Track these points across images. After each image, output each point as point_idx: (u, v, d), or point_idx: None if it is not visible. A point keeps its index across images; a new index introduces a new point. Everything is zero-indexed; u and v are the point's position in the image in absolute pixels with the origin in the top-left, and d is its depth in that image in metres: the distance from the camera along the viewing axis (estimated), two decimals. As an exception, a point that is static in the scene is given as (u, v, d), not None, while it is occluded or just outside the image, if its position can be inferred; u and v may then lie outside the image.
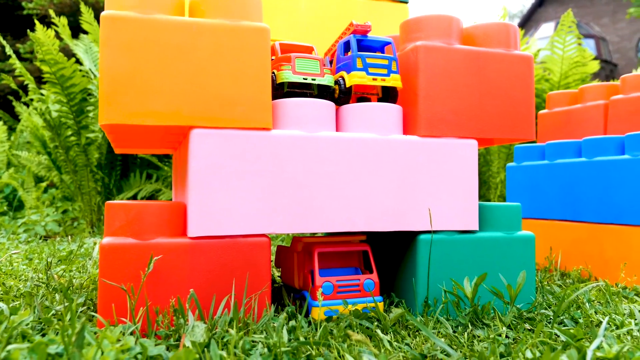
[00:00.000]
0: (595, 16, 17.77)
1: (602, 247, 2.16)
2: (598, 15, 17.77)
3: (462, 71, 1.58)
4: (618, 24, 16.99)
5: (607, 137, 2.16)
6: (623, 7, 16.93)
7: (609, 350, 1.11)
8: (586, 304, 1.62)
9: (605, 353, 1.10)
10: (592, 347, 1.13)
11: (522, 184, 2.56)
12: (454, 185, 1.57)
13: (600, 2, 17.87)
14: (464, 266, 1.56)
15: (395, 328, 1.33)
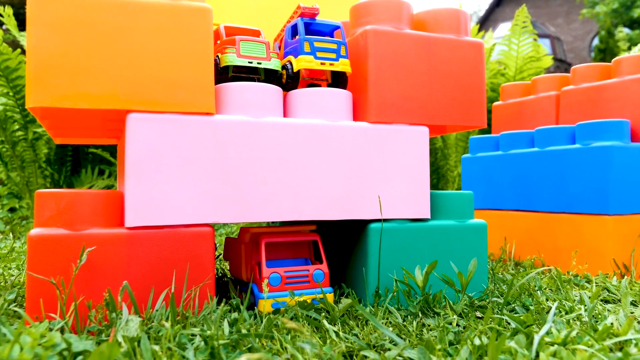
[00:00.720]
0: (550, 16, 18.26)
1: (555, 236, 2.17)
2: (553, 16, 18.27)
3: (412, 56, 1.55)
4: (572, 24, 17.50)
5: (559, 127, 2.18)
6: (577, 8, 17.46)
7: (558, 335, 1.09)
8: (537, 291, 1.62)
9: (554, 338, 1.09)
10: (540, 333, 1.11)
11: (477, 175, 2.56)
12: (405, 173, 1.54)
13: (555, 3, 18.37)
14: (416, 255, 1.53)
15: (344, 319, 1.29)
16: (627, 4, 15.20)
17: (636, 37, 14.25)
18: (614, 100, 2.14)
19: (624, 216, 1.99)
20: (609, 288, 1.68)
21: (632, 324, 1.13)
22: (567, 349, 1.03)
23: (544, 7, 18.50)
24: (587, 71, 2.28)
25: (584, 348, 0.98)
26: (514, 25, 3.98)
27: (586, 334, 1.10)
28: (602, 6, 15.31)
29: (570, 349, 1.04)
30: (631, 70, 2.11)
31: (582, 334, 1.11)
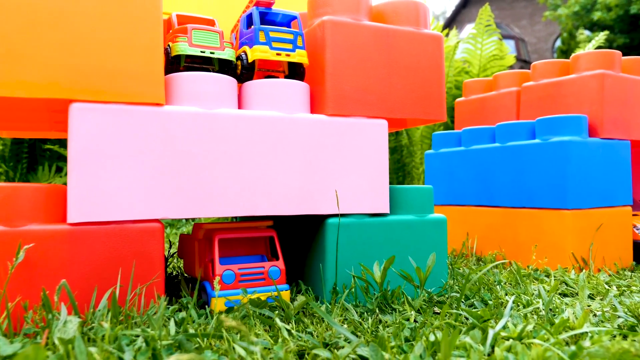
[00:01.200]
0: (515, 18, 18.61)
1: (516, 231, 2.18)
2: (517, 17, 18.62)
3: (370, 48, 1.52)
4: (535, 26, 17.88)
5: (519, 123, 2.18)
6: (540, 10, 17.83)
7: (514, 329, 1.07)
8: (497, 286, 1.61)
9: (510, 333, 1.07)
10: (497, 328, 1.09)
11: (440, 170, 2.56)
12: (364, 167, 1.50)
13: (519, 5, 18.73)
14: (375, 250, 1.50)
15: (299, 316, 1.25)
16: (588, 7, 15.60)
17: (602, 41, 14.63)
18: (572, 96, 2.15)
19: (583, 210, 2.01)
20: (567, 282, 1.69)
21: (588, 317, 1.12)
22: (522, 343, 1.01)
23: (509, 8, 18.85)
24: (547, 67, 2.30)
25: (539, 342, 0.96)
26: (477, 24, 4.00)
27: (542, 328, 1.09)
28: (564, 9, 15.66)
29: (526, 343, 1.02)
30: (588, 66, 2.13)
31: (538, 328, 1.10)
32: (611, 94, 2.08)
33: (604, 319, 1.25)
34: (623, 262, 2.12)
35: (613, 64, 2.11)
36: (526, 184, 2.13)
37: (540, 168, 2.07)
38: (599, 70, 2.08)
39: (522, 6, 18.65)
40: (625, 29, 15.10)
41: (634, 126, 2.16)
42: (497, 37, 3.97)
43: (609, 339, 1.06)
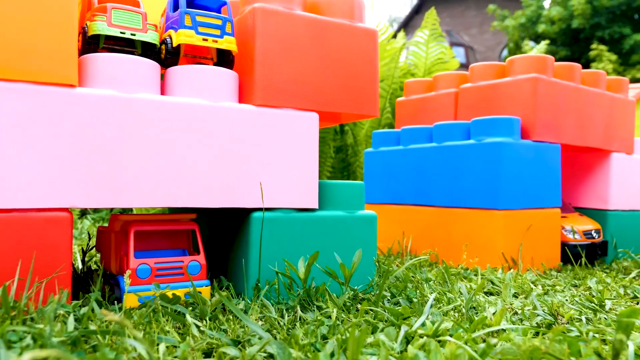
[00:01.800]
0: (465, 26, 19.09)
1: (450, 231, 2.19)
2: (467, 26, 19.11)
3: (303, 39, 1.48)
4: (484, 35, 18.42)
5: (455, 123, 2.20)
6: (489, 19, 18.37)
7: (431, 327, 1.05)
8: (424, 284, 1.60)
9: (427, 330, 1.05)
10: (416, 325, 1.07)
11: (379, 169, 2.55)
12: (293, 161, 1.46)
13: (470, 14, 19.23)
14: (303, 246, 1.46)
15: (216, 313, 1.19)
16: (533, 20, 16.17)
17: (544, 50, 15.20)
18: (506, 98, 2.19)
19: (513, 211, 2.04)
20: (493, 281, 1.70)
21: (504, 315, 1.11)
22: (437, 341, 1.00)
23: (460, 17, 19.32)
24: (484, 70, 2.33)
25: (452, 340, 0.94)
26: (423, 27, 4.05)
27: (459, 326, 1.07)
28: (511, 20, 16.18)
29: (442, 340, 1.00)
30: (523, 69, 2.16)
31: (456, 326, 1.09)
32: (544, 98, 2.12)
33: (524, 317, 1.26)
34: (551, 262, 2.17)
35: (546, 68, 2.16)
36: (460, 183, 2.14)
37: (474, 168, 2.09)
38: (532, 74, 2.12)
39: (472, 15, 19.15)
40: (567, 42, 15.75)
41: (564, 130, 2.22)
42: (442, 41, 4.02)
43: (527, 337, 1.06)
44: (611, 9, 14.95)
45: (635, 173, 2.56)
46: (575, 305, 1.40)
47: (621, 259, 2.43)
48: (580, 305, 1.39)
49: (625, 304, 1.51)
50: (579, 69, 2.31)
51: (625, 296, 1.64)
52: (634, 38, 14.28)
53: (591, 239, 2.30)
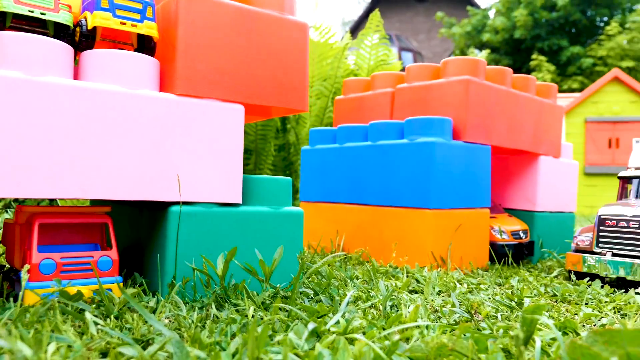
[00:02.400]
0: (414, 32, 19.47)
1: (382, 229, 2.19)
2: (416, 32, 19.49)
3: (229, 28, 1.43)
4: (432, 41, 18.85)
5: (390, 122, 2.20)
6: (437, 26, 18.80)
7: (344, 324, 1.03)
8: (350, 282, 1.59)
9: (340, 327, 1.02)
10: (330, 323, 1.05)
11: (315, 167, 2.53)
12: (215, 153, 1.41)
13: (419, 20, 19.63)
14: (225, 242, 1.41)
15: (124, 311, 1.12)
16: (479, 28, 16.66)
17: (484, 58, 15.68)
18: (440, 99, 2.21)
19: (444, 211, 2.06)
20: (418, 279, 1.71)
21: (418, 312, 1.11)
22: (347, 338, 0.97)
23: (409, 22, 19.69)
24: (419, 71, 2.35)
25: (360, 337, 0.92)
26: (367, 28, 4.07)
27: (372, 323, 1.05)
28: (458, 28, 16.61)
29: (352, 338, 0.98)
30: (456, 71, 2.19)
31: (369, 324, 1.07)
32: (475, 100, 2.15)
33: (442, 315, 1.26)
34: (479, 261, 2.21)
35: (478, 71, 2.19)
36: (393, 182, 2.15)
37: (406, 167, 2.09)
38: (464, 76, 2.15)
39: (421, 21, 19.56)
40: (510, 51, 16.31)
41: (495, 132, 2.26)
42: (386, 43, 4.05)
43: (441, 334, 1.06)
44: (550, 22, 15.59)
45: (562, 176, 2.65)
46: (495, 303, 1.41)
47: (547, 259, 2.51)
48: (499, 303, 1.41)
49: (544, 302, 1.54)
50: (510, 73, 2.36)
51: (546, 294, 1.68)
52: (570, 50, 14.93)
53: (518, 239, 2.36)
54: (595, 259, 1.85)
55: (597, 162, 8.26)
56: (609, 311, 1.47)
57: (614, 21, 14.74)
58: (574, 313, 1.41)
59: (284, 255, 1.51)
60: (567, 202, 2.68)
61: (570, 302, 1.59)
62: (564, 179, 2.66)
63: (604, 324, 1.29)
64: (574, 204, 2.74)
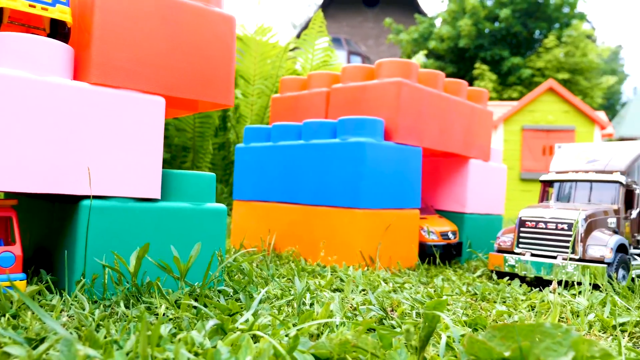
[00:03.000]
0: (363, 37, 19.72)
1: (314, 229, 2.18)
2: (365, 37, 19.76)
3: (150, 17, 1.38)
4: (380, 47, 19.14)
5: (323, 121, 2.20)
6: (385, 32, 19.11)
7: (252, 321, 1.01)
8: (272, 280, 1.57)
9: (248, 324, 1.00)
10: (240, 320, 1.02)
11: (249, 165, 2.49)
12: (133, 146, 1.36)
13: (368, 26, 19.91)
14: (142, 239, 1.36)
15: (22, 309, 1.06)
16: (425, 36, 17.05)
17: (430, 65, 16.04)
18: (373, 100, 2.23)
19: (373, 210, 2.07)
20: (342, 278, 1.71)
21: (329, 310, 1.10)
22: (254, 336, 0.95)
23: (359, 27, 19.93)
24: (354, 71, 2.36)
25: (262, 334, 0.90)
26: (310, 28, 4.07)
27: (281, 322, 1.04)
28: (405, 35, 16.94)
29: (254, 335, 0.96)
30: (389, 73, 2.22)
31: (279, 321, 1.05)
32: (407, 102, 2.18)
33: (359, 312, 1.26)
34: (408, 261, 2.24)
35: (410, 74, 2.23)
36: (324, 182, 2.14)
37: (338, 167, 2.10)
38: (397, 78, 2.17)
39: (370, 27, 19.84)
40: (455, 59, 16.77)
41: (426, 134, 2.30)
42: (327, 44, 4.06)
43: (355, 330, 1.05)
44: (493, 33, 16.14)
45: (491, 179, 2.73)
46: (413, 302, 1.43)
47: (474, 259, 2.58)
48: (416, 301, 1.43)
49: (464, 300, 1.57)
50: (442, 77, 2.41)
51: (467, 293, 1.71)
52: (511, 61, 15.50)
53: (447, 240, 2.41)
54: (515, 259, 1.91)
55: (532, 168, 8.60)
56: (524, 309, 1.52)
57: (552, 34, 15.40)
58: (489, 311, 1.44)
59: (205, 253, 1.47)
60: (495, 205, 2.76)
61: (488, 300, 1.63)
62: (493, 182, 2.75)
63: (515, 321, 1.32)
64: (502, 206, 2.83)
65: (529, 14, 16.37)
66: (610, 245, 1.75)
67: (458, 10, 16.39)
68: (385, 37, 18.85)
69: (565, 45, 15.19)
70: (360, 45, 19.34)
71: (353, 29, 19.40)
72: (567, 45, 15.15)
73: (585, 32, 15.46)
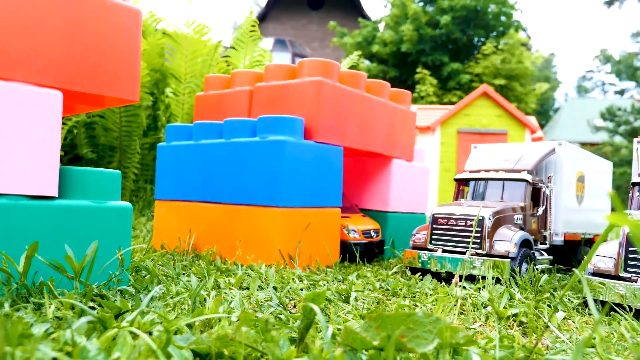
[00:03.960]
0: (308, 39, 19.79)
1: (234, 228, 2.16)
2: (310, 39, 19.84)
3: (45, 6, 1.33)
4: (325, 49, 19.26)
5: (243, 120, 2.19)
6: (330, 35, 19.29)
7: (140, 320, 0.99)
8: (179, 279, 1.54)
9: (130, 322, 0.98)
10: (128, 318, 1.00)
11: (171, 164, 2.44)
12: (26, 142, 1.30)
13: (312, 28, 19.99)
14: (36, 238, 1.30)
15: None
16: (369, 40, 17.31)
17: (373, 68, 16.30)
18: (294, 99, 2.24)
19: (293, 209, 2.07)
20: (259, 276, 1.70)
21: (219, 305, 1.09)
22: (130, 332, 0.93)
23: (303, 29, 19.98)
24: (277, 70, 2.36)
25: (135, 330, 0.89)
26: (242, 27, 4.04)
27: (165, 318, 1.02)
28: (349, 38, 17.13)
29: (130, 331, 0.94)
30: (310, 72, 2.23)
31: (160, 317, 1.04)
32: (327, 101, 2.20)
33: (259, 309, 1.26)
34: (330, 259, 2.25)
35: (332, 73, 2.25)
36: (245, 180, 2.13)
37: (257, 165, 2.09)
38: (317, 77, 2.19)
39: (314, 29, 19.94)
40: (397, 63, 17.10)
41: (347, 133, 2.33)
42: (260, 44, 4.05)
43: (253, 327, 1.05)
44: (434, 38, 16.57)
45: (414, 179, 2.79)
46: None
47: (398, 257, 2.63)
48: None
49: (374, 296, 1.59)
50: (364, 77, 2.45)
51: (381, 289, 1.75)
52: (451, 66, 15.96)
53: (369, 238, 2.44)
54: (428, 255, 1.96)
55: (467, 170, 8.88)
56: (429, 302, 1.56)
57: (489, 42, 15.95)
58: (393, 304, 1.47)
59: (109, 253, 1.43)
60: (418, 204, 2.83)
61: (399, 295, 1.67)
62: (416, 182, 2.81)
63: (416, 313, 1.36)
64: (425, 205, 2.90)
65: (468, 21, 16.90)
66: (515, 240, 1.83)
67: (401, 15, 16.72)
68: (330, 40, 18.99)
69: (501, 52, 15.76)
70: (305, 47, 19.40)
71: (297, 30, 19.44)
72: (504, 52, 15.73)
73: (520, 40, 16.11)
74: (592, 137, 17.47)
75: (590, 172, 2.48)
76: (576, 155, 2.33)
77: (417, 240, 2.06)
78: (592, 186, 2.51)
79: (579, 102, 22.33)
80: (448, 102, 15.41)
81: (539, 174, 2.13)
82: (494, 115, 9.06)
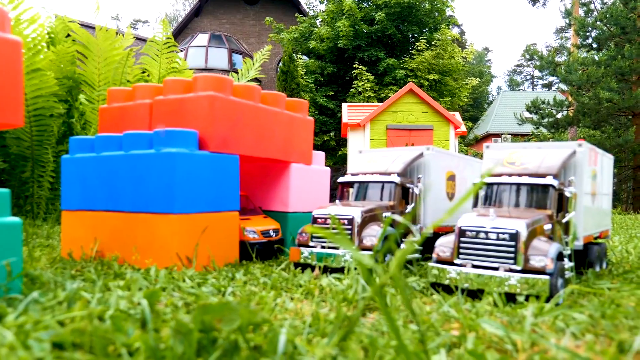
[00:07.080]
0: (245, 35, 19.80)
1: (135, 234, 2.32)
2: (247, 35, 19.85)
3: None
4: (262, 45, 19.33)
5: (141, 133, 2.34)
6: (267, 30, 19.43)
7: (15, 321, 1.15)
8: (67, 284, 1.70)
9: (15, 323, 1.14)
10: (9, 319, 1.16)
11: (75, 176, 2.57)
12: None
13: (249, 23, 20.01)
14: None
15: None
16: (306, 35, 17.52)
17: (311, 64, 16.54)
18: (190, 113, 2.41)
19: (189, 215, 2.26)
20: (148, 278, 1.88)
21: (86, 304, 1.27)
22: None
23: (240, 24, 19.96)
24: (174, 84, 2.53)
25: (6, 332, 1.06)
26: (156, 33, 4.15)
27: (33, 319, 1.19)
28: (286, 34, 17.29)
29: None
30: (203, 87, 2.41)
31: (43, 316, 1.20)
32: (220, 114, 2.39)
33: (132, 306, 1.44)
34: (229, 259, 2.45)
35: (224, 88, 2.44)
36: (143, 190, 2.29)
37: (154, 176, 2.26)
38: (210, 92, 2.37)
39: (251, 24, 19.96)
40: (334, 59, 17.39)
41: (242, 143, 2.53)
42: (176, 51, 4.18)
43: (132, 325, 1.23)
44: (369, 34, 16.96)
45: (313, 180, 3.03)
46: (187, 296, 1.64)
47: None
48: (191, 294, 1.64)
49: (249, 289, 1.81)
50: (259, 90, 2.65)
51: (264, 284, 1.96)
52: (387, 62, 16.39)
53: (268, 238, 2.66)
54: (309, 252, 2.19)
55: (396, 164, 9.27)
56: (300, 294, 1.79)
57: (422, 38, 16.46)
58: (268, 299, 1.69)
59: (-2, 264, 1.57)
60: (318, 204, 3.07)
61: (277, 289, 1.89)
62: (316, 184, 3.05)
63: (282, 304, 1.58)
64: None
65: (402, 17, 17.37)
66: (378, 236, 2.09)
67: (336, 11, 16.99)
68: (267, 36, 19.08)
69: (434, 48, 16.29)
70: (242, 43, 19.42)
71: (234, 26, 19.44)
72: (437, 48, 16.28)
73: (453, 36, 16.73)
74: (522, 129, 18.36)
75: (461, 171, 2.79)
76: (446, 157, 2.63)
77: (300, 239, 2.29)
78: (466, 184, 2.83)
79: (510, 95, 23.36)
80: (385, 97, 15.83)
81: (411, 175, 2.41)
82: (421, 112, 9.48)
